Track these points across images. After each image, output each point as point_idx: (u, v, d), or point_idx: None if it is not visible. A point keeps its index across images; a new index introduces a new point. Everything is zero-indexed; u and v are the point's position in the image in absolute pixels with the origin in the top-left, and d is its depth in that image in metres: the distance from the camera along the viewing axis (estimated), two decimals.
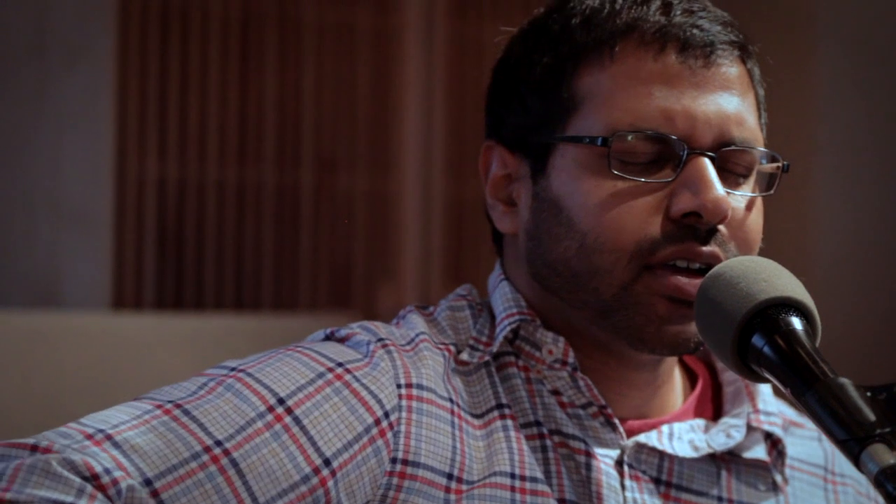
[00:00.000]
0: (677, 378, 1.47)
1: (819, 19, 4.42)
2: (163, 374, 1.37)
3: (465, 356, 1.39)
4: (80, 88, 4.13)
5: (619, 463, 1.37)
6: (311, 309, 4.41)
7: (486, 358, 1.39)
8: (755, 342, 1.19)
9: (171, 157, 4.25)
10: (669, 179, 1.34)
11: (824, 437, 1.51)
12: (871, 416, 1.09)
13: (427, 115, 4.56)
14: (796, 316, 1.20)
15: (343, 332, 1.38)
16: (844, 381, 1.13)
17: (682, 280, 1.32)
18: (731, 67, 1.37)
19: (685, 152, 1.34)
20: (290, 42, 4.42)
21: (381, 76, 4.54)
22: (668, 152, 1.34)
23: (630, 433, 1.39)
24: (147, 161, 4.22)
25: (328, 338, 1.39)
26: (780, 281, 1.22)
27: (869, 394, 1.12)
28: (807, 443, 1.50)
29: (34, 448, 1.20)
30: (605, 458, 1.37)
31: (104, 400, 1.36)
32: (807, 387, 1.14)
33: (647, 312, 1.34)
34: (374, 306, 4.46)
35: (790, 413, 1.50)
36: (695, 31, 1.36)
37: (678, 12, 1.37)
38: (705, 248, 1.33)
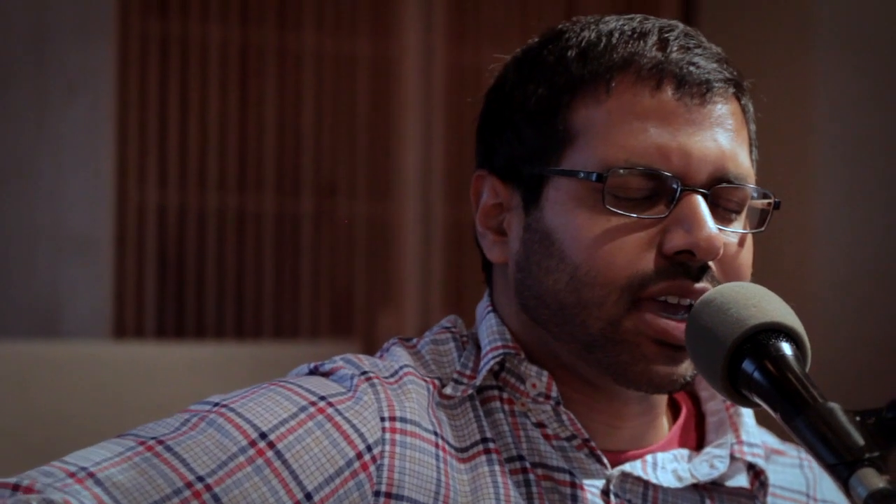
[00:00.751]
0: None
1: (820, 24, 4.40)
2: (164, 403, 1.38)
3: (449, 390, 1.39)
4: (81, 117, 4.15)
5: (605, 492, 1.38)
6: (312, 336, 4.41)
7: (470, 391, 1.39)
8: (745, 367, 1.20)
9: (171, 186, 4.26)
10: (663, 215, 1.34)
11: (806, 464, 1.52)
12: (860, 441, 1.10)
13: (426, 142, 4.57)
14: (786, 341, 1.21)
15: (327, 367, 1.38)
16: (834, 405, 1.14)
17: (671, 324, 1.33)
18: (726, 105, 1.38)
19: (679, 189, 1.34)
20: (289, 70, 4.43)
21: (379, 103, 4.55)
22: (662, 188, 1.35)
23: (621, 463, 1.40)
24: (147, 189, 4.23)
25: (312, 372, 1.39)
26: (770, 306, 1.23)
27: (858, 418, 1.13)
28: (788, 470, 1.51)
29: (16, 487, 1.20)
30: (591, 487, 1.37)
31: (106, 429, 1.37)
32: (796, 412, 1.14)
33: (634, 351, 1.34)
34: (375, 333, 4.46)
35: (772, 441, 1.51)
36: (691, 68, 1.36)
37: (675, 48, 1.37)
38: (697, 285, 1.34)
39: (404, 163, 4.56)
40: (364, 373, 1.36)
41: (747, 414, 1.46)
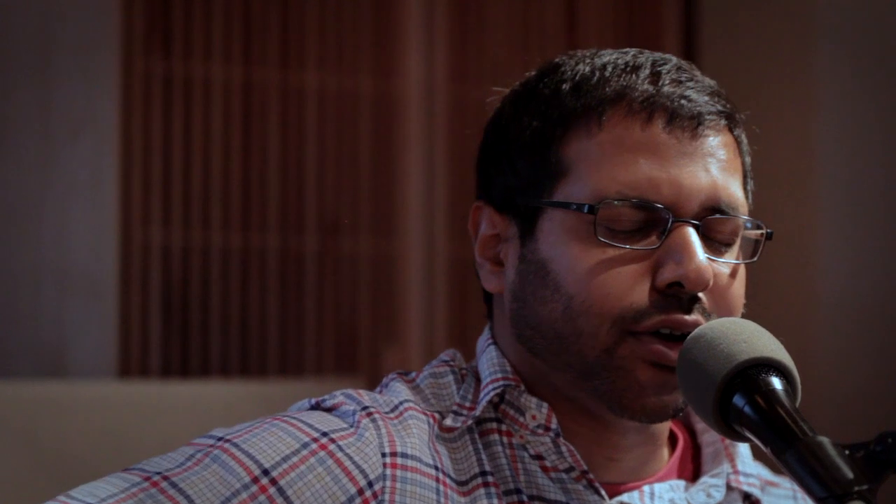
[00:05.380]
0: None
1: (823, 28, 4.40)
2: (170, 442, 1.39)
3: (449, 421, 1.40)
4: (85, 158, 4.17)
5: None
6: (317, 373, 4.41)
7: (470, 422, 1.40)
8: (736, 402, 1.21)
9: (175, 225, 4.28)
10: (655, 247, 1.36)
11: (799, 495, 1.53)
12: (850, 474, 1.11)
13: (429, 179, 4.58)
14: (776, 376, 1.22)
15: (329, 402, 1.40)
16: (823, 439, 1.15)
17: (664, 349, 1.34)
18: (717, 137, 1.39)
19: (670, 220, 1.36)
20: (291, 108, 4.45)
21: (382, 140, 4.57)
22: (653, 220, 1.37)
23: (620, 494, 1.41)
24: (151, 228, 4.24)
25: (314, 407, 1.40)
26: (759, 342, 1.24)
27: (847, 452, 1.14)
28: (782, 501, 1.52)
29: None
30: None
31: (112, 469, 1.38)
32: (787, 445, 1.16)
33: (629, 378, 1.35)
34: (380, 369, 4.46)
35: (766, 474, 1.52)
36: (683, 101, 1.38)
37: (666, 82, 1.39)
38: (689, 318, 1.35)
39: (407, 200, 4.57)
40: (365, 408, 1.38)
41: (742, 445, 1.47)
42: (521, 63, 1.50)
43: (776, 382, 1.21)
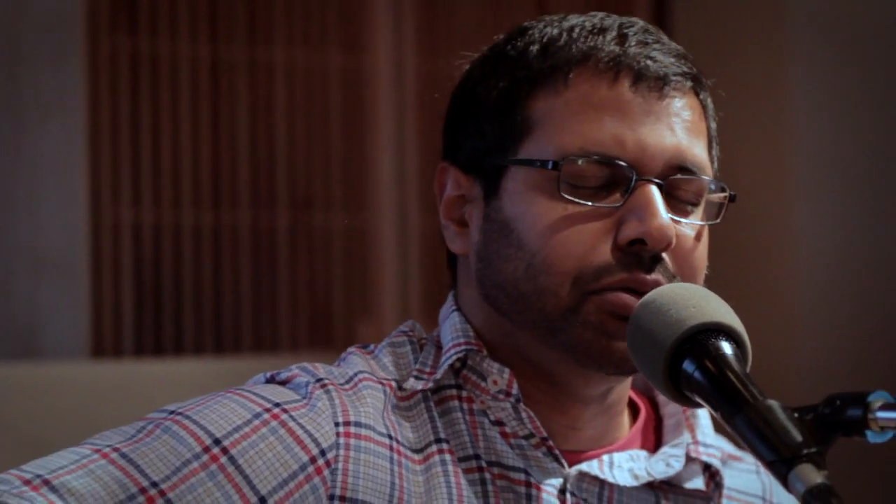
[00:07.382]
0: None
1: (794, 17, 4.41)
2: None
3: (409, 384, 1.40)
4: (54, 138, 4.15)
5: (561, 491, 1.39)
6: (291, 349, 4.42)
7: (430, 385, 1.40)
8: (686, 367, 1.21)
9: (145, 204, 4.27)
10: (618, 205, 1.36)
11: (762, 470, 1.52)
12: (799, 437, 1.11)
13: (400, 152, 4.58)
14: (726, 341, 1.22)
15: (283, 375, 1.40)
16: (773, 403, 1.15)
17: (630, 298, 1.34)
18: (683, 98, 1.40)
19: (634, 178, 1.36)
20: (260, 85, 4.44)
21: (352, 115, 4.56)
22: (617, 177, 1.37)
23: (580, 463, 1.41)
24: (121, 208, 4.23)
25: (269, 381, 1.41)
26: (709, 307, 1.24)
27: (796, 415, 1.14)
28: (744, 475, 1.52)
29: None
30: (547, 486, 1.38)
31: None
32: (736, 409, 1.16)
33: (596, 328, 1.35)
34: (355, 343, 4.46)
35: (729, 447, 1.52)
36: (648, 62, 1.39)
37: (633, 43, 1.40)
38: (650, 277, 1.35)
39: (379, 173, 4.57)
40: (319, 380, 1.38)
41: (704, 416, 1.47)
42: (490, 35, 1.50)
43: (726, 347, 1.21)
